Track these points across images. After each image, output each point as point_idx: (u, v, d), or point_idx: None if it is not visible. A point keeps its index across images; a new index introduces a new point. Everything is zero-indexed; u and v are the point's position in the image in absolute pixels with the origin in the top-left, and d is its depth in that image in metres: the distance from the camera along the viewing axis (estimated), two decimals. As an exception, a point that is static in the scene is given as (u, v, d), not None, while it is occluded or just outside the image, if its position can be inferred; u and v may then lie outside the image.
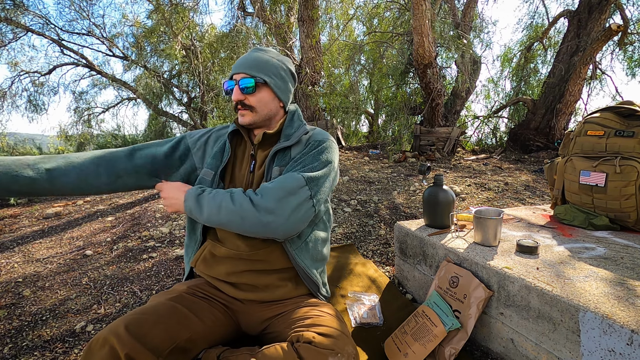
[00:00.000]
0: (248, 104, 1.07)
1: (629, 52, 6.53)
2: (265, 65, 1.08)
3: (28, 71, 7.72)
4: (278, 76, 1.10)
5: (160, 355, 0.84)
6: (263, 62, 1.08)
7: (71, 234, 2.67)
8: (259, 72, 1.07)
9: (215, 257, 1.08)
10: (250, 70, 1.06)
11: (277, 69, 1.10)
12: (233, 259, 1.05)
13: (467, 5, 6.56)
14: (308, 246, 1.09)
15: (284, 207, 0.94)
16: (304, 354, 0.85)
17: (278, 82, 1.10)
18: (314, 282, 1.11)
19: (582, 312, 0.89)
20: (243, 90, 1.06)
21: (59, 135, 8.43)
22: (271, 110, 1.11)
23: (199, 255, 1.11)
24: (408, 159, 5.12)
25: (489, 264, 1.16)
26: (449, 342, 1.13)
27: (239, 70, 1.07)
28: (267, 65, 1.08)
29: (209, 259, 1.09)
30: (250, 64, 1.07)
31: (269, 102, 1.09)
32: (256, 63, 1.07)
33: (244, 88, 1.05)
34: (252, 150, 1.11)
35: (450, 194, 1.48)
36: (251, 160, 1.11)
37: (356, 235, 2.32)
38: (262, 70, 1.07)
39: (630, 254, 1.22)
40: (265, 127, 1.13)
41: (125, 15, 8.00)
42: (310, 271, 1.10)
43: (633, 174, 1.38)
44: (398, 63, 5.98)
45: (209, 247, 1.09)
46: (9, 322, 1.52)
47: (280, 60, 1.13)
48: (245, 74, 1.06)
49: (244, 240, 1.05)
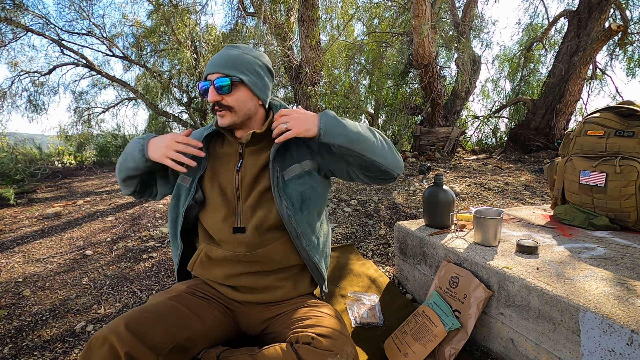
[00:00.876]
0: (225, 104, 1.02)
1: (629, 52, 6.53)
2: (240, 62, 1.02)
3: (28, 71, 7.72)
4: (254, 73, 1.04)
5: (160, 354, 0.84)
6: (237, 59, 1.02)
7: (71, 234, 2.67)
8: (234, 71, 1.01)
9: (211, 260, 1.07)
10: (224, 69, 1.00)
11: (253, 65, 1.04)
12: (230, 261, 1.05)
13: (467, 5, 6.55)
14: (319, 241, 1.10)
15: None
16: (303, 354, 0.85)
17: (254, 80, 1.04)
18: (322, 276, 1.12)
19: (582, 312, 0.89)
20: (219, 90, 1.00)
21: (59, 135, 8.42)
22: (250, 109, 1.05)
23: (195, 259, 1.10)
24: (408, 159, 5.12)
25: (489, 264, 1.16)
26: (449, 342, 1.13)
27: (213, 69, 1.01)
28: (242, 63, 1.02)
29: (205, 262, 1.08)
30: (224, 62, 1.01)
31: (247, 100, 1.04)
32: (231, 61, 1.01)
33: (220, 87, 1.00)
34: (240, 149, 1.08)
35: (450, 194, 1.48)
36: (239, 158, 1.08)
37: (356, 235, 2.32)
38: (237, 68, 1.01)
39: (630, 254, 1.22)
40: (246, 127, 1.08)
41: (125, 15, 7.99)
42: (320, 265, 1.10)
43: (633, 174, 1.38)
44: (398, 63, 5.98)
45: (205, 250, 1.07)
46: (9, 322, 1.52)
47: (255, 56, 1.06)
48: (220, 74, 1.00)
49: (242, 240, 1.04)
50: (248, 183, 1.06)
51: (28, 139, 6.57)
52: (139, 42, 7.75)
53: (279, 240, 1.06)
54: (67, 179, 5.34)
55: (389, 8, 6.74)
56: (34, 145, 6.31)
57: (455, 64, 6.54)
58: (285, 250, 1.07)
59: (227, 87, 1.00)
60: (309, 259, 1.07)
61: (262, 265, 1.06)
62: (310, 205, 1.07)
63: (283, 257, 1.07)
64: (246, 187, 1.06)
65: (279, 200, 1.03)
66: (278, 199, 1.03)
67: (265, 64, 1.08)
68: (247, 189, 1.06)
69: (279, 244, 1.06)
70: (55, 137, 8.39)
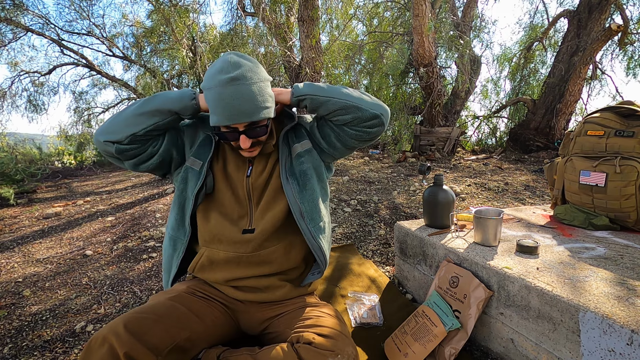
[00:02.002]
0: (257, 142, 1.02)
1: (629, 52, 6.53)
2: (263, 99, 0.95)
3: (28, 71, 7.72)
4: (270, 97, 0.98)
5: (160, 355, 0.84)
6: (258, 97, 0.93)
7: (71, 234, 2.67)
8: (263, 111, 0.94)
9: (213, 263, 1.07)
10: (254, 117, 0.93)
11: (267, 90, 0.97)
12: (232, 264, 1.05)
13: (467, 5, 6.56)
14: (323, 225, 1.10)
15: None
16: (304, 355, 0.85)
17: (273, 105, 1.00)
18: (325, 260, 1.11)
19: (582, 312, 0.89)
20: (255, 136, 0.98)
21: (59, 135, 8.42)
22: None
23: (195, 263, 1.10)
24: (408, 159, 5.11)
25: (489, 264, 1.16)
26: (449, 342, 1.13)
27: (240, 120, 0.92)
28: (264, 98, 0.95)
29: (206, 266, 1.08)
30: (249, 108, 0.92)
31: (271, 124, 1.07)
32: (254, 102, 0.92)
33: (256, 135, 0.98)
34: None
35: (450, 194, 1.48)
36: (248, 165, 1.09)
37: (356, 235, 2.32)
38: (262, 107, 0.94)
39: (630, 254, 1.22)
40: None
41: (125, 15, 8.00)
42: (324, 248, 1.09)
43: (633, 174, 1.38)
44: (398, 63, 5.98)
45: (206, 253, 1.06)
46: (9, 322, 1.52)
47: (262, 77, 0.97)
48: (250, 122, 0.95)
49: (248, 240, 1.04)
50: (259, 188, 1.07)
51: (28, 139, 6.56)
52: (139, 42, 7.75)
53: (282, 242, 1.07)
54: (67, 179, 5.34)
55: (389, 8, 6.74)
56: (34, 145, 6.30)
57: (455, 64, 6.54)
58: (288, 251, 1.08)
59: (262, 131, 0.99)
60: (312, 240, 1.06)
61: (264, 268, 1.06)
62: (314, 184, 1.09)
63: (285, 259, 1.08)
64: (258, 192, 1.07)
65: (284, 181, 1.05)
66: (285, 180, 1.05)
67: (266, 77, 1.00)
68: (258, 193, 1.07)
69: (281, 245, 1.07)
70: (55, 137, 8.39)
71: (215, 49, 6.11)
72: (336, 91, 1.04)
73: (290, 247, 1.09)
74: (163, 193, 3.67)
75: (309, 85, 1.05)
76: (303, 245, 1.12)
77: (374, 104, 1.05)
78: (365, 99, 1.05)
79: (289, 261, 1.09)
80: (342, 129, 1.07)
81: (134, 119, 0.98)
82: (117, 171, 5.96)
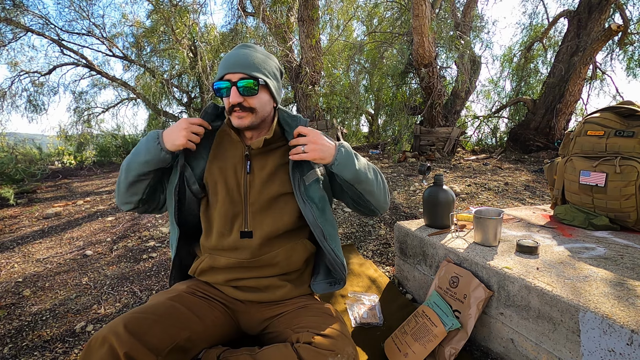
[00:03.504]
0: (248, 106, 1.00)
1: (629, 52, 6.53)
2: (263, 64, 1.02)
3: (28, 71, 7.72)
4: (274, 76, 1.06)
5: (160, 355, 0.84)
6: (259, 61, 1.02)
7: (71, 234, 2.67)
8: (259, 72, 1.00)
9: (214, 268, 1.07)
10: (249, 70, 0.98)
11: (272, 68, 1.06)
12: (233, 268, 1.05)
13: (467, 5, 6.56)
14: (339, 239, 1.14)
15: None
16: (304, 354, 0.85)
17: (275, 83, 1.05)
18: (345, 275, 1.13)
19: (582, 312, 0.89)
20: (243, 91, 0.98)
21: (59, 135, 8.43)
22: (267, 112, 1.05)
23: (196, 267, 1.10)
24: (408, 159, 5.11)
25: (489, 264, 1.16)
26: (449, 342, 1.13)
27: (235, 69, 0.98)
28: (265, 65, 1.03)
29: (207, 270, 1.08)
30: (247, 63, 0.99)
31: (267, 103, 1.04)
32: (254, 62, 1.00)
33: (245, 89, 0.98)
34: (246, 151, 1.07)
35: (450, 194, 1.48)
36: (246, 161, 1.07)
37: (356, 235, 2.32)
38: (261, 70, 1.01)
39: (630, 254, 1.22)
40: (258, 129, 1.08)
41: (125, 15, 8.00)
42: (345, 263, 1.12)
43: (633, 174, 1.38)
44: (398, 63, 5.98)
45: (207, 259, 1.07)
46: (9, 322, 1.52)
47: (272, 59, 1.08)
48: (244, 74, 0.98)
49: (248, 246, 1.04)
50: (257, 186, 1.05)
51: (28, 139, 6.56)
52: (139, 42, 7.76)
53: (283, 247, 1.07)
54: (67, 179, 5.34)
55: (390, 8, 6.74)
56: (33, 145, 6.30)
57: (455, 64, 6.54)
58: (289, 256, 1.08)
59: (254, 89, 0.99)
60: (335, 258, 1.08)
61: (265, 271, 1.06)
62: (328, 207, 1.13)
63: (286, 264, 1.08)
64: (255, 191, 1.05)
65: (302, 205, 1.04)
66: (302, 204, 1.04)
67: (279, 66, 1.10)
68: (256, 192, 1.05)
69: (282, 250, 1.06)
70: (55, 137, 8.40)
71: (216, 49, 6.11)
72: (368, 186, 1.07)
73: (292, 251, 1.08)
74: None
75: (352, 166, 1.02)
76: (304, 248, 1.12)
77: (383, 206, 1.14)
78: (381, 199, 1.12)
79: (289, 265, 1.09)
80: (347, 197, 1.15)
81: (130, 189, 1.04)
82: (117, 171, 5.96)
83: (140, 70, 8.28)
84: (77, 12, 7.49)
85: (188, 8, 5.49)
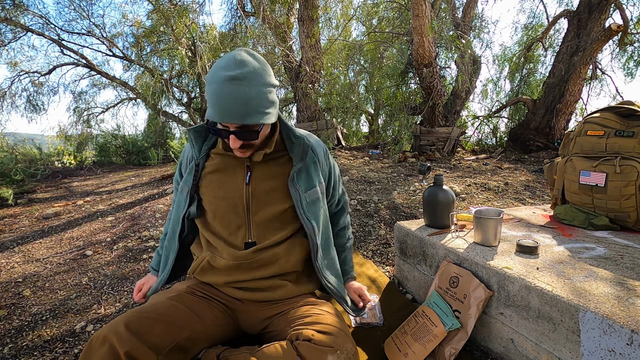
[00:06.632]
0: (249, 144, 0.98)
1: (629, 52, 6.53)
2: (259, 103, 0.89)
3: (28, 71, 7.71)
4: (270, 104, 0.93)
5: (160, 354, 0.85)
6: (255, 101, 0.88)
7: (71, 234, 2.67)
8: (258, 116, 0.90)
9: (213, 268, 1.08)
10: (247, 120, 0.88)
11: (267, 96, 0.91)
12: (232, 269, 1.05)
13: (467, 5, 6.56)
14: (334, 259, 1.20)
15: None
16: (303, 351, 0.85)
17: (272, 111, 0.94)
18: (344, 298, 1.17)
19: (582, 312, 0.89)
20: (244, 139, 0.94)
21: (59, 135, 8.42)
22: (266, 135, 1.03)
23: (196, 266, 1.10)
24: (408, 159, 5.11)
25: (489, 264, 1.16)
26: (449, 342, 1.13)
27: (232, 120, 0.88)
28: (261, 102, 0.90)
29: (207, 270, 1.09)
30: (243, 111, 0.87)
31: (266, 131, 1.01)
32: (249, 105, 0.88)
33: (245, 136, 0.93)
34: (247, 162, 1.06)
35: (450, 194, 1.48)
36: (246, 171, 1.06)
37: (356, 235, 2.32)
38: (259, 111, 0.90)
39: (630, 254, 1.22)
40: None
41: (125, 15, 7.99)
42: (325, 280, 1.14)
43: (633, 174, 1.38)
44: (398, 63, 5.98)
45: (208, 258, 1.07)
46: (9, 322, 1.52)
47: (266, 70, 0.92)
48: (243, 124, 0.91)
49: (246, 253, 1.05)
50: (259, 197, 1.05)
51: (28, 139, 6.56)
52: (139, 42, 7.75)
53: (282, 249, 1.08)
54: (67, 179, 5.34)
55: (390, 8, 6.73)
56: (33, 145, 6.30)
57: (455, 64, 6.53)
58: (289, 259, 1.09)
59: (253, 135, 0.94)
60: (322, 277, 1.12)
61: (265, 271, 1.06)
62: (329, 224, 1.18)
63: (285, 263, 1.08)
64: (257, 202, 1.05)
65: (304, 221, 1.07)
66: (304, 220, 1.07)
67: (272, 82, 0.94)
68: (257, 203, 1.05)
69: (282, 250, 1.07)
70: (55, 137, 8.39)
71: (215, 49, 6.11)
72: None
73: (291, 251, 1.10)
74: (163, 193, 3.67)
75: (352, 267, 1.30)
76: (304, 248, 1.12)
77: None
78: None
79: (289, 264, 1.10)
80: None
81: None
82: (117, 171, 5.96)
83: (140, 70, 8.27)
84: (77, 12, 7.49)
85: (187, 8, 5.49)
